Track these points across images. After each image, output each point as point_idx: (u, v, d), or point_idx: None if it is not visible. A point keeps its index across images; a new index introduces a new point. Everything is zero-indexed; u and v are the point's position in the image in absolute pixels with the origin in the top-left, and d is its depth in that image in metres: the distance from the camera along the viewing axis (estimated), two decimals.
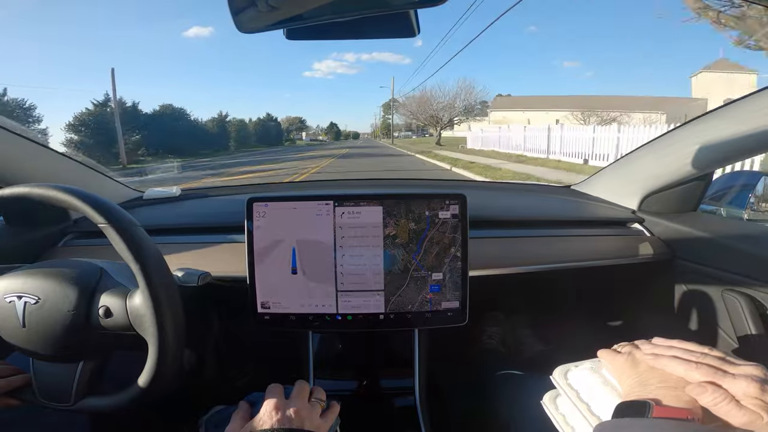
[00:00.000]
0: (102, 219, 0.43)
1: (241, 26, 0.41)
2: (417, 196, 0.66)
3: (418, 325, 0.70)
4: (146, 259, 0.43)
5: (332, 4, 0.39)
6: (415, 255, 0.66)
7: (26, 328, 0.45)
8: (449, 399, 0.89)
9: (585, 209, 1.00)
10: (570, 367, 0.49)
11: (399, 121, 58.18)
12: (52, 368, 0.47)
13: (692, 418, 0.33)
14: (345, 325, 0.67)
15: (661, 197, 0.90)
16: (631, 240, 0.88)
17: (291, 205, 0.65)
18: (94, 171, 0.99)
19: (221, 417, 0.54)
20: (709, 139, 0.72)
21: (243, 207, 0.65)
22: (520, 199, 1.15)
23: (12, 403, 0.49)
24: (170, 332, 0.44)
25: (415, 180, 1.52)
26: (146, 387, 0.45)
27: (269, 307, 0.67)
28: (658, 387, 0.37)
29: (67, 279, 0.46)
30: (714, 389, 0.34)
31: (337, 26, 0.44)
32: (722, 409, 0.33)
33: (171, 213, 1.00)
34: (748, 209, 0.88)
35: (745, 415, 0.32)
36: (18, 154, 0.78)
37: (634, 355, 0.42)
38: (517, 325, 1.15)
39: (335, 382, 0.75)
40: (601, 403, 0.42)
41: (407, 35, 0.45)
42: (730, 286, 0.73)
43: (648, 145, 0.88)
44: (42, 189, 0.45)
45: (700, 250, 0.79)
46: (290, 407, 0.45)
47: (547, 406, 0.48)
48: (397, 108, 40.71)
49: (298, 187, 1.57)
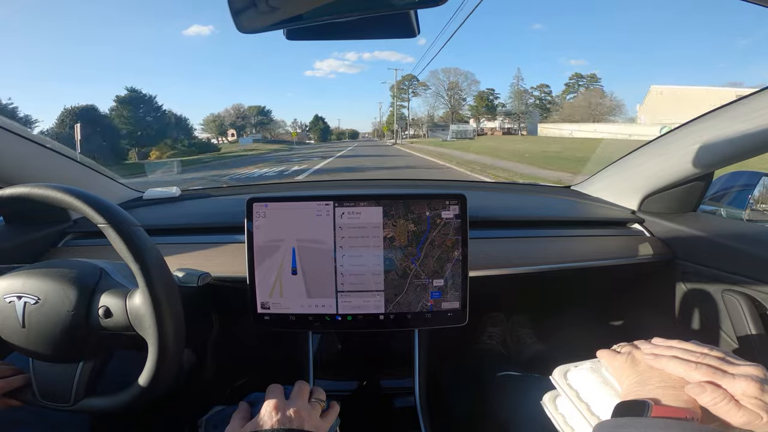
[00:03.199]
0: (102, 219, 0.43)
1: (241, 27, 0.41)
2: (417, 196, 0.66)
3: (418, 325, 0.70)
4: (146, 260, 0.43)
5: (332, 4, 0.39)
6: (414, 259, 0.65)
7: (26, 329, 0.45)
8: (449, 399, 0.89)
9: (585, 209, 1.01)
10: (570, 367, 0.49)
11: (420, 112, 43.56)
12: (52, 368, 0.47)
13: (691, 418, 0.33)
14: (345, 326, 0.67)
15: (661, 197, 0.90)
16: (631, 240, 0.88)
17: (291, 206, 0.65)
18: (94, 171, 0.99)
19: (221, 417, 0.54)
20: (709, 139, 0.72)
21: (243, 207, 0.65)
22: (520, 200, 1.15)
23: (12, 404, 0.49)
24: (170, 332, 0.44)
25: (415, 180, 1.52)
26: (146, 387, 0.45)
27: (269, 308, 0.67)
28: (657, 387, 0.37)
29: (67, 279, 0.46)
30: (713, 389, 0.34)
31: (337, 26, 0.44)
32: (721, 409, 0.33)
33: (171, 213, 1.00)
34: (748, 209, 0.88)
35: (745, 414, 0.32)
36: (18, 154, 0.78)
37: (633, 355, 0.42)
38: (517, 325, 1.15)
39: (335, 383, 0.75)
40: (601, 403, 0.42)
41: (407, 35, 0.45)
42: (730, 286, 0.73)
43: (648, 146, 0.88)
44: (42, 189, 0.45)
45: (700, 250, 0.79)
46: (290, 407, 0.45)
47: (547, 406, 0.48)
48: (415, 89, 32.06)
49: (298, 188, 1.57)
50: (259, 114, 48.80)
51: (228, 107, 46.30)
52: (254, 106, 48.79)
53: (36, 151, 0.82)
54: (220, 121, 45.10)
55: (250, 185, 1.31)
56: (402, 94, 44.22)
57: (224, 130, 44.71)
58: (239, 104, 47.20)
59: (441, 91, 21.11)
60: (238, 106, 46.81)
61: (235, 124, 45.13)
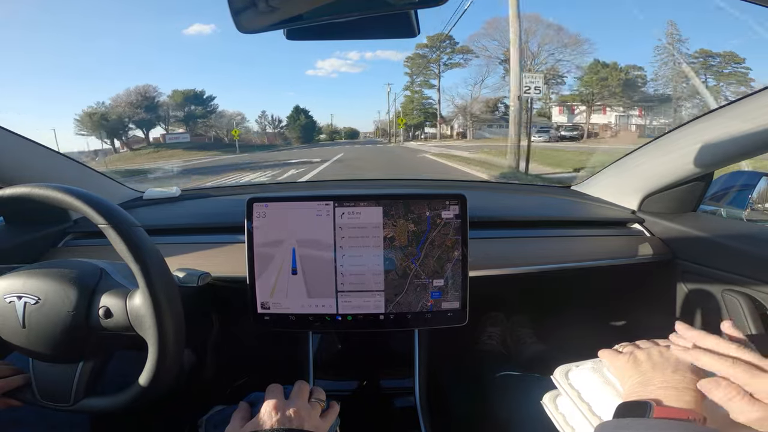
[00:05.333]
0: (102, 219, 0.43)
1: (242, 27, 0.41)
2: (417, 196, 0.66)
3: (418, 325, 0.70)
4: (146, 260, 0.43)
5: (332, 4, 0.39)
6: (414, 259, 0.65)
7: (26, 329, 0.45)
8: (449, 399, 0.89)
9: (585, 209, 1.01)
10: (571, 367, 0.49)
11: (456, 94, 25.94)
12: (52, 368, 0.47)
13: (693, 419, 0.33)
14: (345, 326, 0.67)
15: (661, 197, 0.90)
16: (631, 240, 0.88)
17: (291, 206, 0.65)
18: (94, 171, 0.99)
19: (221, 417, 0.54)
20: (709, 139, 0.72)
21: (243, 207, 0.65)
22: (520, 200, 1.15)
23: (12, 403, 0.49)
24: (170, 332, 0.44)
25: (415, 180, 1.52)
26: (146, 387, 0.45)
27: (269, 308, 0.67)
28: (659, 387, 0.37)
29: (67, 279, 0.46)
30: (727, 384, 0.33)
31: (337, 26, 0.44)
32: (735, 405, 0.33)
33: (171, 213, 1.00)
34: (748, 209, 0.88)
35: (759, 410, 0.32)
36: (18, 154, 0.78)
37: (635, 355, 0.42)
38: (517, 325, 1.15)
39: (335, 383, 0.75)
40: (602, 404, 0.42)
41: (408, 35, 0.45)
42: (730, 286, 0.73)
43: (648, 146, 0.88)
44: (42, 189, 0.45)
45: (700, 250, 0.79)
46: (290, 407, 0.45)
47: (548, 406, 0.48)
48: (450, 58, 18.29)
49: (298, 188, 1.57)
50: (192, 102, 29.78)
51: (130, 89, 27.42)
52: (180, 91, 29.76)
53: (36, 151, 0.82)
54: (100, 116, 25.43)
55: (250, 185, 1.31)
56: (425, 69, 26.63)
57: (116, 128, 26.06)
58: (147, 86, 28.11)
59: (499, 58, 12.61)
60: (143, 89, 27.59)
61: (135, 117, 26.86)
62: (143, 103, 27.61)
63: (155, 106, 28.64)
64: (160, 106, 28.95)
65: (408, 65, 29.20)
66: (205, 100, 31.03)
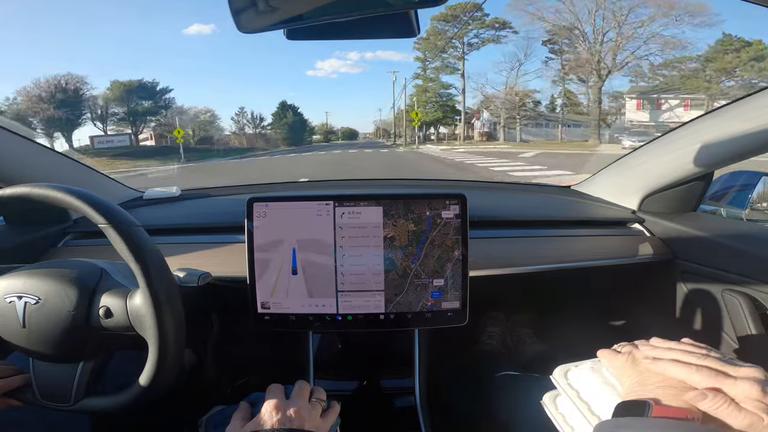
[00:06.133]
0: (102, 219, 0.43)
1: (241, 26, 0.41)
2: (417, 196, 0.66)
3: (418, 325, 0.70)
4: (146, 260, 0.43)
5: (332, 4, 0.39)
6: (414, 259, 0.65)
7: (26, 329, 0.45)
8: (449, 399, 0.89)
9: (585, 209, 1.01)
10: (570, 366, 0.49)
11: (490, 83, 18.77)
12: (52, 368, 0.47)
13: (692, 418, 0.33)
14: (345, 326, 0.67)
15: (661, 197, 0.90)
16: (631, 240, 0.88)
17: (291, 205, 0.66)
18: (94, 171, 0.99)
19: (221, 417, 0.54)
20: (709, 139, 0.72)
21: (243, 207, 0.65)
22: (520, 199, 1.15)
23: (12, 403, 0.49)
24: (170, 332, 0.44)
25: (415, 180, 1.52)
26: (146, 387, 0.45)
27: (269, 308, 0.67)
28: (657, 387, 0.37)
29: (67, 279, 0.46)
30: (714, 395, 0.34)
31: (337, 26, 0.44)
32: (722, 413, 0.33)
33: (171, 213, 1.00)
34: (748, 209, 0.88)
35: (746, 417, 0.32)
36: (18, 154, 0.78)
37: (634, 354, 0.42)
38: (517, 325, 1.15)
39: (335, 382, 0.75)
40: (601, 403, 0.42)
41: (408, 35, 0.45)
42: (730, 286, 0.73)
43: (648, 145, 0.88)
44: (42, 189, 0.45)
45: (700, 250, 0.80)
46: (290, 407, 0.45)
47: (547, 405, 0.48)
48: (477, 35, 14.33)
49: (298, 187, 1.57)
50: (137, 96, 23.93)
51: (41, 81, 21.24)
52: (121, 82, 23.72)
53: (36, 151, 0.82)
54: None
55: (250, 185, 1.31)
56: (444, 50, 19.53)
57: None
58: (69, 75, 22.21)
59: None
60: (64, 79, 21.83)
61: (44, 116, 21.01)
62: (60, 98, 21.51)
63: (79, 101, 22.57)
64: (90, 101, 22.99)
65: (419, 48, 22.36)
66: (156, 93, 24.77)
